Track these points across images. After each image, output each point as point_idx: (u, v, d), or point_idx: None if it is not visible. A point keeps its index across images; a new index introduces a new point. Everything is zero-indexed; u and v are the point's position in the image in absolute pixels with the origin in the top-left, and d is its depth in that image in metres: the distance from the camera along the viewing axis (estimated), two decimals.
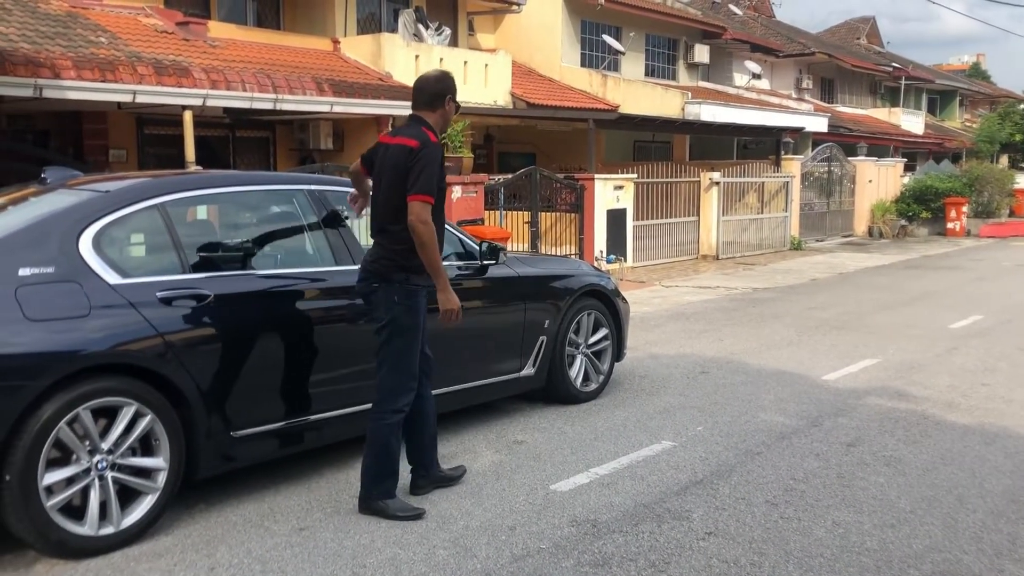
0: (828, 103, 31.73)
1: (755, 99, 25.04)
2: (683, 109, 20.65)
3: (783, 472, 4.89)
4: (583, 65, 21.67)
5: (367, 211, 4.61)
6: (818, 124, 24.76)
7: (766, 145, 21.79)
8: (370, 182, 4.50)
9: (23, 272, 3.70)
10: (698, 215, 17.71)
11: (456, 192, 12.03)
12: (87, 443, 3.73)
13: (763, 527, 4.13)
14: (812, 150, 23.05)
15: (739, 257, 17.99)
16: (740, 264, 16.94)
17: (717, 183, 17.75)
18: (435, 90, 4.32)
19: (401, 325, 4.22)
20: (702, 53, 25.10)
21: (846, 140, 25.66)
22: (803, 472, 4.89)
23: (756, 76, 26.85)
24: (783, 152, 20.70)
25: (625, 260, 15.30)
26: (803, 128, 22.85)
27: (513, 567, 3.70)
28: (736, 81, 27.11)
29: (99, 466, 3.76)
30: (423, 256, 4.12)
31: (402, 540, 3.96)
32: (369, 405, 4.82)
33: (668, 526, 4.13)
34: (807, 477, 4.81)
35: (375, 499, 4.25)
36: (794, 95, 29.14)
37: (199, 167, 10.54)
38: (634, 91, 20.70)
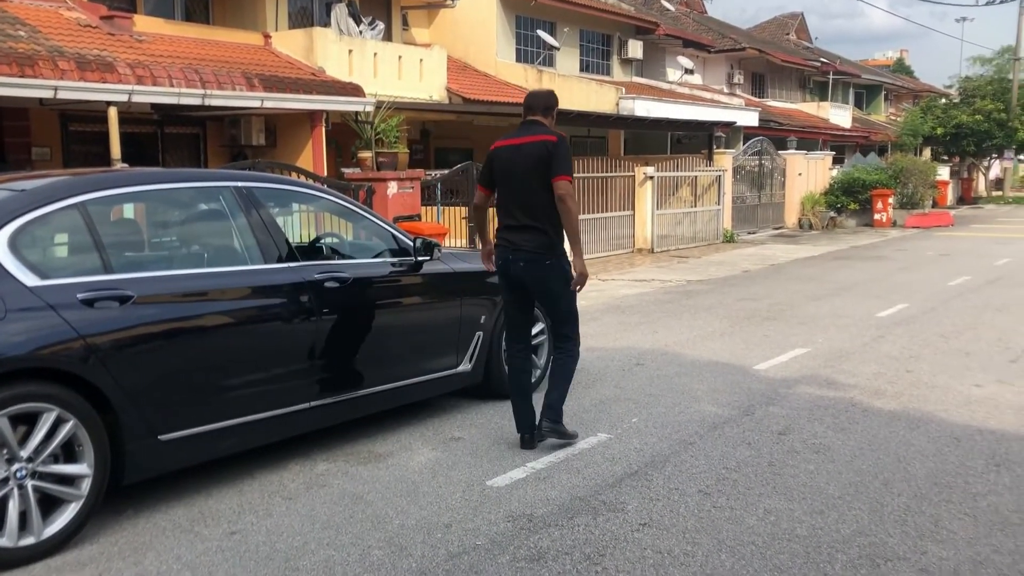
0: (759, 98, 32.32)
1: (688, 94, 25.38)
2: (617, 104, 20.83)
3: (716, 462, 4.96)
4: (518, 60, 21.70)
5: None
6: (749, 118, 25.21)
7: (699, 140, 22.11)
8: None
9: None
10: (633, 209, 17.88)
11: (392, 188, 11.94)
12: (5, 451, 3.61)
13: (696, 517, 4.18)
14: (744, 144, 23.46)
15: (674, 250, 18.22)
16: (675, 257, 17.16)
17: (651, 177, 17.93)
18: (549, 102, 5.26)
19: (562, 286, 5.12)
20: (636, 49, 25.34)
21: (776, 134, 26.18)
22: (735, 461, 4.97)
23: (689, 71, 27.21)
24: (715, 146, 21.02)
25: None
26: (735, 122, 23.23)
27: (449, 565, 3.68)
28: (669, 76, 27.43)
29: (18, 475, 3.64)
30: (570, 224, 5.00)
31: (336, 541, 3.92)
32: (303, 405, 4.79)
33: (603, 518, 4.16)
34: (739, 466, 4.89)
35: (560, 422, 5.17)
36: (726, 90, 29.60)
37: (125, 164, 10.28)
38: (569, 86, 20.80)
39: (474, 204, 5.60)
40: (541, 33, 21.96)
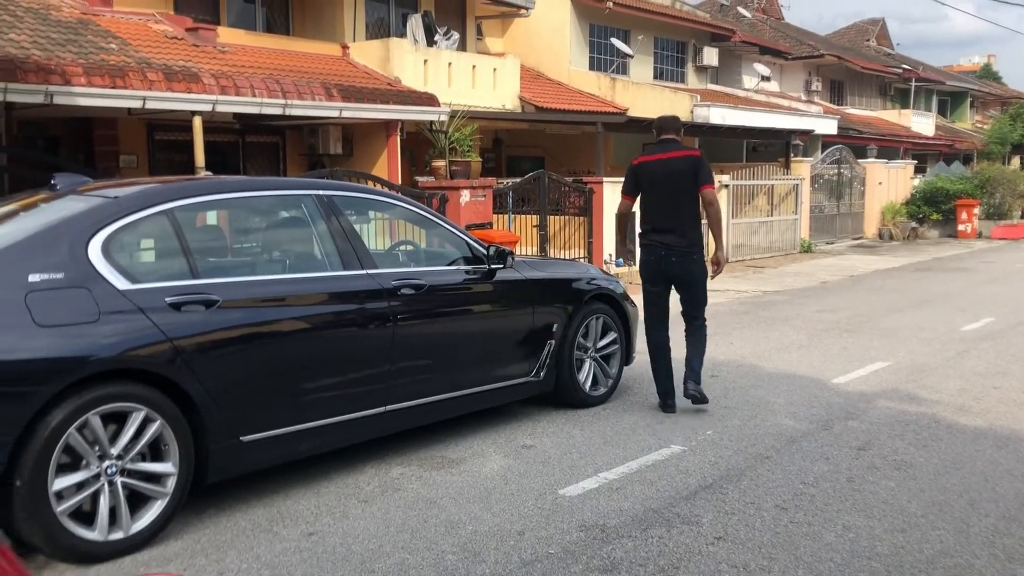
0: (837, 105, 31.66)
1: (764, 102, 25.00)
2: (692, 112, 20.63)
3: (793, 476, 4.87)
4: (592, 68, 21.67)
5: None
6: (827, 126, 24.70)
7: (775, 148, 21.75)
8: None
9: (33, 278, 3.72)
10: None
11: (465, 196, 12.04)
12: (97, 448, 3.75)
13: (773, 532, 4.11)
14: (822, 152, 23.00)
15: (749, 260, 17.95)
16: (750, 267, 16.90)
17: (726, 186, 17.71)
18: (678, 124, 6.48)
19: (703, 276, 6.30)
20: (711, 56, 25.08)
21: (856, 142, 25.59)
22: (813, 476, 4.87)
23: (765, 78, 26.81)
24: (792, 155, 20.65)
25: (634, 264, 15.25)
26: (812, 130, 22.80)
27: (522, 572, 3.69)
28: (745, 83, 27.07)
29: (109, 471, 3.77)
30: (719, 224, 6.26)
31: (410, 545, 3.96)
32: (378, 410, 4.87)
33: (677, 531, 4.12)
34: (817, 481, 4.79)
35: (699, 382, 6.20)
36: (803, 97, 29.08)
37: (209, 172, 10.58)
38: (643, 94, 20.69)
39: (620, 212, 6.59)
40: (615, 41, 21.90)
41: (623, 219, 6.62)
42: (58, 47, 10.38)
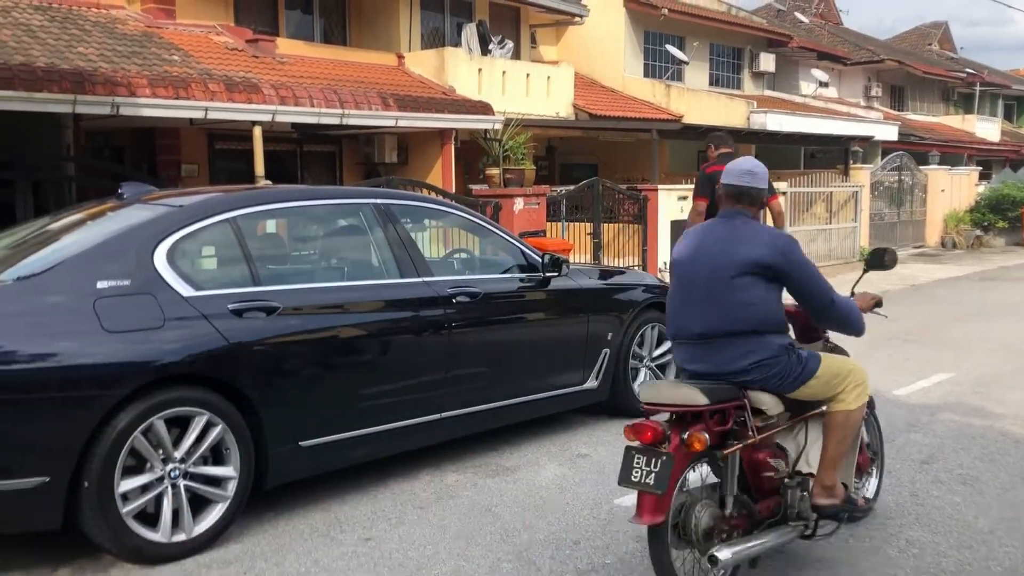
0: (898, 111, 31.04)
1: (822, 108, 24.63)
2: (748, 118, 20.41)
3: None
4: (646, 75, 21.58)
5: None
6: (888, 132, 24.22)
7: (834, 154, 21.39)
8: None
9: (101, 285, 3.82)
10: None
11: (518, 204, 12.07)
12: (161, 452, 3.83)
13: (832, 546, 4.03)
14: (882, 159, 22.55)
15: None
16: None
17: (783, 193, 17.46)
18: (731, 139, 7.85)
19: None
20: (767, 62, 24.80)
21: (917, 148, 25.05)
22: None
23: (823, 84, 26.42)
24: (852, 161, 20.29)
25: None
26: (872, 137, 22.38)
27: None
28: (803, 90, 26.70)
29: (172, 474, 3.86)
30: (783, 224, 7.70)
31: (466, 553, 3.97)
32: (433, 417, 4.89)
33: None
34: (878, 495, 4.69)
35: None
36: (863, 103, 28.57)
37: (268, 181, 10.77)
38: (698, 101, 20.53)
39: (699, 211, 7.43)
40: (670, 48, 21.77)
41: (702, 217, 7.21)
42: (123, 59, 10.67)
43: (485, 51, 16.65)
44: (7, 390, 3.50)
